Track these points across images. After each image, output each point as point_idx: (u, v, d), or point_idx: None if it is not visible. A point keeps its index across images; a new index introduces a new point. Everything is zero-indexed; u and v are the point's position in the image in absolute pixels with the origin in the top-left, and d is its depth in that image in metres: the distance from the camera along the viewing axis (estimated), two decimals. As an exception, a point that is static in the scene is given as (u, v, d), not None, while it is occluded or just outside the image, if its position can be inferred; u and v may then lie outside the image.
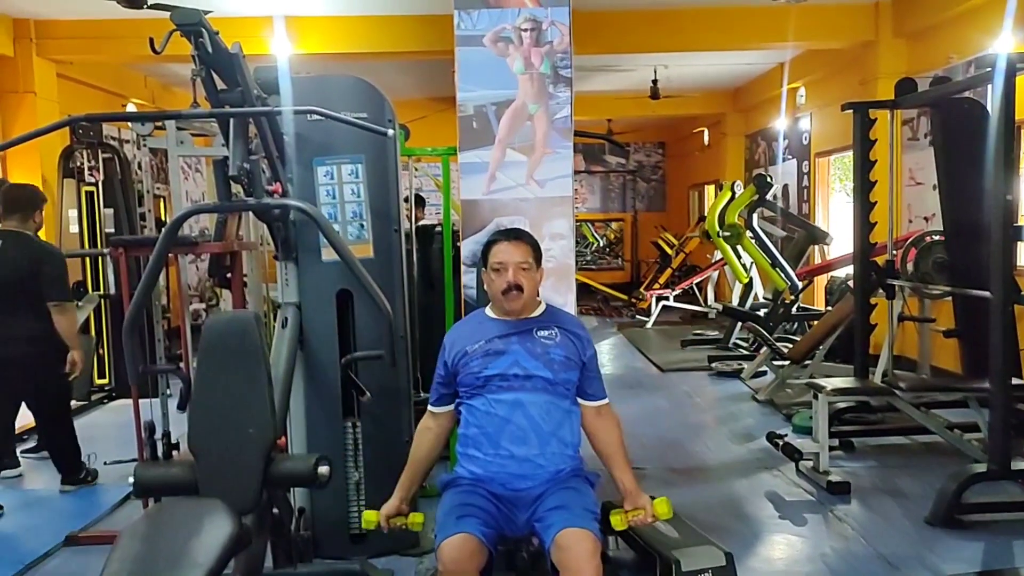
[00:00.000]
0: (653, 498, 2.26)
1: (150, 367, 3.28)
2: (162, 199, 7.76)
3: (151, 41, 2.26)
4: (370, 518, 2.30)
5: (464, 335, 2.40)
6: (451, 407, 2.42)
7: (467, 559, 2.03)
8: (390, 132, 2.79)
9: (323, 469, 2.09)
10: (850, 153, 4.95)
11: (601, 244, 14.16)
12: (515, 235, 2.41)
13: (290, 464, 2.11)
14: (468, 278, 3.35)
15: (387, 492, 2.38)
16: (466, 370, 2.32)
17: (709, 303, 10.00)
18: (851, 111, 4.41)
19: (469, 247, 3.31)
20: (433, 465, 2.50)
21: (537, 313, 2.40)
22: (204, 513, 1.78)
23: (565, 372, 2.31)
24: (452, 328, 2.57)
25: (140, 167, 5.50)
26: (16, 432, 4.55)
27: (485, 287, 2.42)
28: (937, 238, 4.68)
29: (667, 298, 10.02)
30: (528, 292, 2.33)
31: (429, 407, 2.46)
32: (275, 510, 2.41)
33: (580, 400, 2.38)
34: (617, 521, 2.23)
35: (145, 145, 4.54)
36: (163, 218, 6.54)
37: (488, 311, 2.44)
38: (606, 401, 2.41)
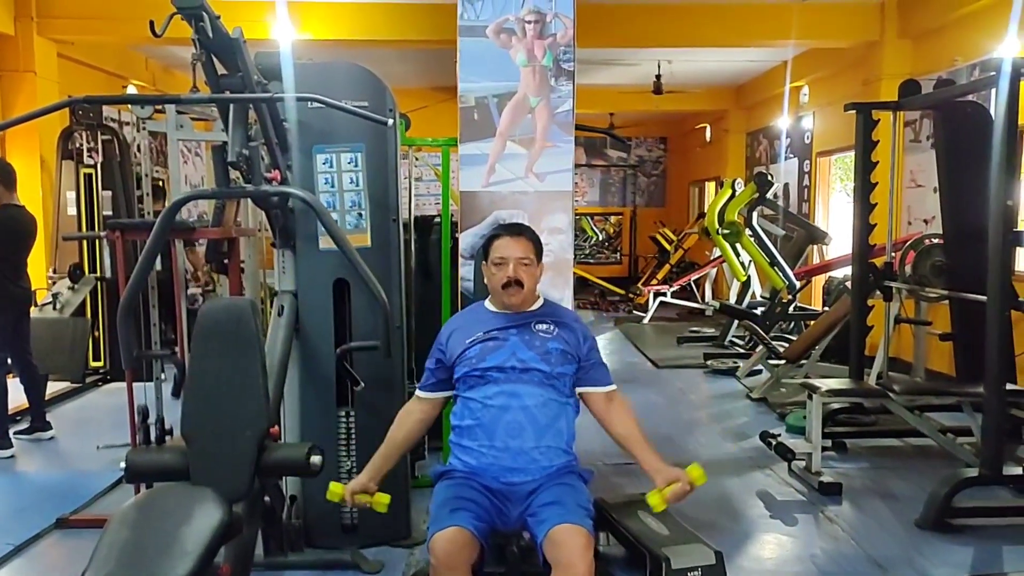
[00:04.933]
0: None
1: (144, 352, 3.28)
2: (160, 182, 7.74)
3: (151, 24, 2.24)
4: (336, 490, 2.25)
5: (462, 326, 2.40)
6: (439, 395, 2.42)
7: (459, 552, 2.03)
8: (390, 121, 2.77)
9: (316, 458, 2.08)
10: (851, 153, 4.94)
11: (600, 238, 14.11)
12: (517, 230, 2.41)
13: (283, 452, 2.10)
14: (465, 270, 3.34)
15: (380, 481, 2.36)
16: (463, 361, 2.32)
17: (706, 300, 10.00)
18: (854, 111, 4.40)
19: (467, 239, 3.30)
20: (409, 450, 2.49)
21: (535, 307, 2.40)
22: (194, 501, 1.77)
23: (562, 366, 2.31)
24: (451, 318, 2.57)
25: (139, 150, 5.47)
26: (10, 413, 4.55)
27: (485, 280, 2.42)
28: (936, 241, 4.68)
29: (664, 294, 10.01)
30: (528, 287, 2.33)
31: (417, 391, 2.45)
32: (267, 498, 2.40)
33: (588, 389, 2.37)
34: (656, 502, 2.12)
35: (144, 128, 4.51)
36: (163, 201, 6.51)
37: (487, 304, 2.44)
38: (614, 387, 2.40)
